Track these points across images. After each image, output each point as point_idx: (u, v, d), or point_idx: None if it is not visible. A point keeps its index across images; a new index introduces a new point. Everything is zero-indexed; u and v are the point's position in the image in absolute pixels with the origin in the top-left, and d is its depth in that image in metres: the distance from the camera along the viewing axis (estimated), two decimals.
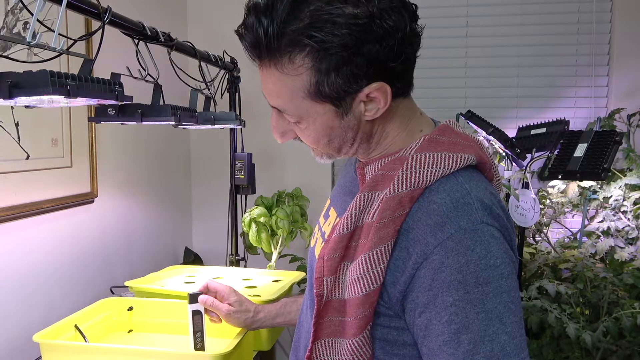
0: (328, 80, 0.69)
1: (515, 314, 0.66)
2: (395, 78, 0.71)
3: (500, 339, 0.64)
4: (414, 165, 0.71)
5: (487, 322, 0.64)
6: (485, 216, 0.68)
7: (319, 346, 0.75)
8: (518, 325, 0.66)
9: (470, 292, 0.64)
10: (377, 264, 0.68)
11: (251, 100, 2.29)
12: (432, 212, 0.68)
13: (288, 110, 0.74)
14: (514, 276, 0.68)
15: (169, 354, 1.09)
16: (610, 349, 1.55)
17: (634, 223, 1.79)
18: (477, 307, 0.64)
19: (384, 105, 0.72)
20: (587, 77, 2.22)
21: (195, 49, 1.52)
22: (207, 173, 2.49)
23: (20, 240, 1.41)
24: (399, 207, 0.69)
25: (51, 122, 1.51)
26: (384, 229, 0.69)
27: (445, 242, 0.65)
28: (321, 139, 0.76)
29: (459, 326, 0.64)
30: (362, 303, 0.69)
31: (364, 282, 0.69)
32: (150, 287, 1.50)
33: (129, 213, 1.96)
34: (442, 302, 0.65)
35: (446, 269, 0.65)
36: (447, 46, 2.31)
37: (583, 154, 1.70)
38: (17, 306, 1.40)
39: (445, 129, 0.78)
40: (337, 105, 0.72)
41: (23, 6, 1.21)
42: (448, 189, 0.69)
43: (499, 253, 0.66)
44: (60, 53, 0.90)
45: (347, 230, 0.73)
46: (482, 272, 0.64)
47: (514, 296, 0.66)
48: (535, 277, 1.89)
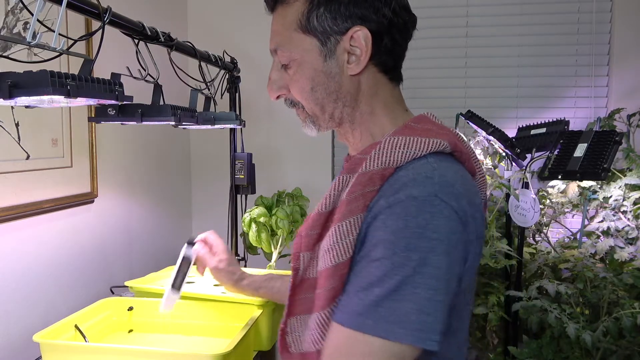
0: (318, 12, 0.77)
1: (435, 291, 0.66)
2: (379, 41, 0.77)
3: (406, 306, 0.65)
4: (386, 147, 0.74)
5: (400, 285, 0.65)
6: (442, 192, 0.68)
7: (293, 322, 0.79)
8: (433, 305, 0.66)
9: (396, 254, 0.66)
10: (346, 235, 0.71)
11: (251, 100, 2.29)
12: (394, 182, 0.71)
13: (282, 45, 0.80)
14: (449, 259, 0.67)
15: (169, 354, 1.09)
16: (610, 349, 1.55)
17: (634, 223, 1.79)
18: (396, 269, 0.66)
19: (365, 56, 0.77)
20: (587, 77, 2.22)
21: (195, 49, 1.52)
22: (207, 173, 2.49)
23: (20, 240, 1.41)
24: (369, 183, 0.72)
25: (51, 122, 1.51)
26: (354, 203, 0.72)
27: (393, 205, 0.68)
28: (306, 86, 0.80)
29: (375, 279, 0.67)
30: (332, 274, 0.71)
31: (334, 253, 0.71)
32: (150, 287, 1.49)
33: (129, 213, 1.96)
34: (373, 255, 0.68)
35: (386, 228, 0.67)
36: (447, 46, 2.31)
37: (583, 154, 1.70)
38: (17, 306, 1.40)
39: (422, 118, 0.81)
40: (322, 43, 0.78)
41: (23, 6, 1.21)
42: (416, 166, 0.72)
43: (440, 229, 0.67)
44: (60, 53, 0.90)
45: (326, 209, 0.76)
46: (414, 240, 0.66)
47: (439, 276, 0.66)
48: (535, 277, 1.89)
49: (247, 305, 1.35)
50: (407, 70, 0.85)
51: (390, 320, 0.65)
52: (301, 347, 0.77)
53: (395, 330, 0.65)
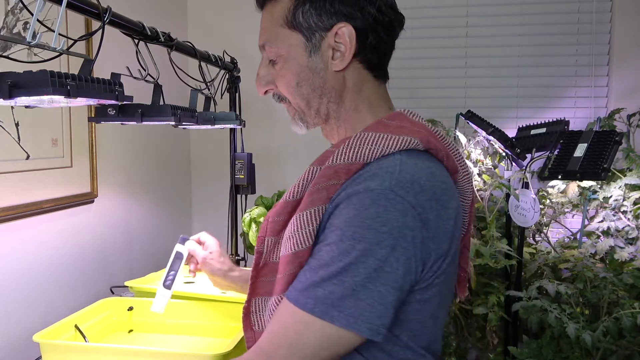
0: (303, 8, 0.78)
1: (377, 284, 0.67)
2: (363, 38, 0.79)
3: (344, 291, 0.67)
4: (355, 142, 0.75)
5: (342, 271, 0.67)
6: (399, 187, 0.68)
7: (256, 302, 0.82)
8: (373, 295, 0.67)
9: (343, 241, 0.68)
10: (307, 224, 0.73)
11: (251, 100, 2.29)
12: (357, 177, 0.72)
13: (269, 41, 0.82)
14: (397, 253, 0.67)
15: (169, 354, 1.09)
16: (610, 349, 1.55)
17: (634, 223, 1.79)
18: (341, 255, 0.68)
19: (349, 52, 0.78)
20: (587, 77, 2.22)
21: (195, 49, 1.52)
22: (207, 173, 2.49)
23: (20, 240, 1.41)
24: (334, 176, 0.73)
25: (51, 122, 1.51)
26: (317, 194, 0.73)
27: (351, 196, 0.70)
28: (292, 81, 0.82)
29: (322, 262, 0.69)
30: (291, 261, 0.73)
31: (294, 241, 0.73)
32: (150, 287, 1.49)
33: (129, 213, 1.96)
34: (326, 240, 0.71)
35: (340, 217, 0.70)
36: (447, 46, 2.31)
37: (583, 154, 1.70)
38: (17, 306, 1.40)
39: (397, 115, 0.82)
40: (307, 38, 0.79)
41: (23, 6, 1.21)
42: (381, 163, 0.73)
43: (390, 223, 0.67)
44: (60, 53, 0.90)
45: (293, 198, 0.78)
46: (361, 230, 0.67)
47: (383, 268, 0.67)
48: (535, 277, 1.89)
49: None
50: (407, 70, 0.85)
51: (327, 302, 0.67)
52: (262, 326, 0.81)
53: (330, 312, 0.67)
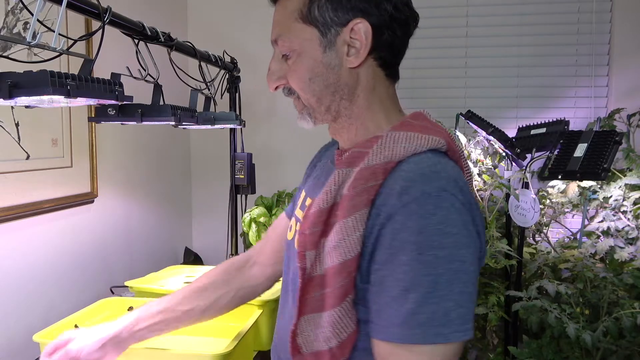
0: (319, 3, 0.77)
1: (466, 285, 0.67)
2: (379, 35, 0.77)
3: (446, 305, 0.66)
4: (388, 141, 0.75)
5: (435, 285, 0.66)
6: (450, 186, 0.70)
7: (303, 322, 0.77)
8: (467, 297, 0.67)
9: (423, 254, 0.66)
10: (353, 231, 0.70)
11: (251, 100, 2.29)
12: (399, 178, 0.70)
13: (282, 35, 0.80)
14: (471, 250, 0.69)
15: (169, 354, 1.09)
16: (610, 349, 1.55)
17: (634, 223, 1.79)
18: (427, 269, 0.66)
19: (364, 49, 0.77)
20: (587, 77, 2.22)
21: (195, 49, 1.52)
22: (207, 173, 2.49)
23: (20, 240, 1.41)
24: (372, 177, 0.72)
25: (51, 122, 1.51)
26: (358, 198, 0.71)
27: (409, 204, 0.68)
28: (304, 76, 0.80)
29: (408, 284, 0.66)
30: (340, 272, 0.71)
31: (341, 250, 0.71)
32: (150, 287, 1.49)
33: (129, 213, 1.96)
34: (397, 260, 0.67)
35: (406, 229, 0.67)
36: (447, 46, 2.31)
37: (583, 154, 1.70)
38: (17, 306, 1.40)
39: (419, 115, 0.81)
40: (322, 34, 0.78)
41: (23, 6, 1.21)
42: (417, 161, 0.72)
43: (457, 222, 0.68)
44: (60, 53, 0.90)
45: (326, 205, 0.75)
46: (438, 237, 0.66)
47: (466, 268, 0.68)
48: (535, 277, 1.89)
49: (247, 305, 1.35)
50: (407, 70, 0.85)
51: (434, 324, 0.65)
52: (312, 347, 0.76)
53: (442, 332, 0.65)
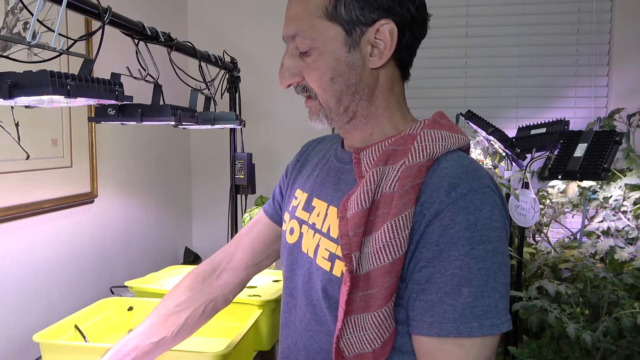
0: (346, 0, 0.75)
1: (505, 276, 0.70)
2: (401, 36, 0.76)
3: (495, 296, 0.68)
4: (427, 139, 0.76)
5: (486, 278, 0.68)
6: (491, 183, 0.73)
7: (347, 324, 0.74)
8: (507, 288, 0.71)
9: (475, 249, 0.68)
10: (402, 230, 0.70)
11: (251, 100, 2.29)
12: (445, 175, 0.72)
13: (302, 32, 0.77)
14: (507, 242, 0.73)
15: (169, 354, 1.09)
16: (610, 349, 1.55)
17: (634, 223, 1.79)
18: (479, 263, 0.68)
19: (388, 49, 0.76)
20: (587, 77, 2.22)
21: (195, 49, 1.52)
22: (207, 173, 2.49)
23: (20, 240, 1.41)
24: (418, 175, 0.72)
25: (51, 122, 1.51)
26: (407, 196, 0.71)
27: (458, 200, 0.69)
28: (325, 75, 0.77)
29: (462, 279, 0.67)
30: (389, 272, 0.70)
31: (389, 250, 0.70)
32: (150, 287, 1.50)
33: (129, 213, 1.96)
34: (447, 256, 0.68)
35: (455, 225, 0.68)
36: (447, 46, 2.31)
37: (583, 154, 1.70)
38: (17, 306, 1.40)
39: (443, 115, 0.83)
40: (347, 32, 0.76)
41: (23, 6, 1.21)
42: (456, 158, 0.75)
43: (499, 217, 0.71)
44: (60, 53, 0.90)
45: (367, 205, 0.74)
46: (487, 232, 0.68)
47: (506, 260, 0.71)
48: (535, 277, 1.89)
49: (247, 305, 1.35)
50: None
51: (489, 316, 0.67)
52: (355, 349, 0.74)
53: (495, 323, 0.68)
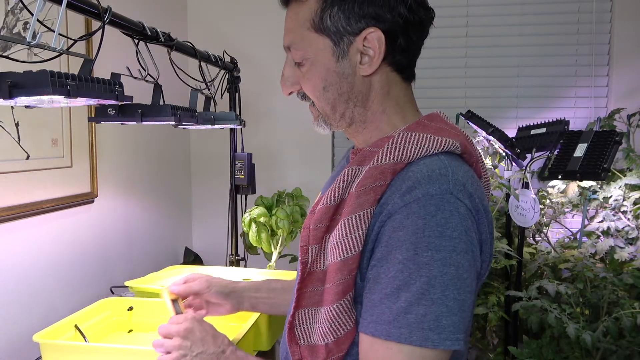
0: (331, 12, 0.75)
1: (459, 292, 0.66)
2: (393, 41, 0.76)
3: (437, 309, 0.65)
4: (399, 141, 0.74)
5: (427, 287, 0.65)
6: (456, 190, 0.69)
7: (301, 314, 0.77)
8: (461, 305, 0.66)
9: (419, 255, 0.65)
10: (356, 229, 0.70)
11: (251, 100, 2.29)
12: (407, 179, 0.70)
13: (295, 43, 0.80)
14: (469, 257, 0.68)
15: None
16: (610, 349, 1.55)
17: (634, 223, 1.79)
18: (422, 270, 0.65)
19: (377, 57, 0.76)
20: (587, 77, 2.22)
21: (195, 49, 1.52)
22: (207, 173, 2.49)
23: (20, 240, 1.41)
24: (380, 177, 0.71)
25: (51, 122, 1.51)
26: (364, 196, 0.71)
27: (410, 204, 0.67)
28: (318, 85, 0.79)
29: (401, 283, 0.66)
30: (340, 269, 0.71)
31: (342, 247, 0.71)
32: (150, 287, 1.49)
33: (129, 213, 1.96)
34: (392, 258, 0.67)
35: (404, 228, 0.67)
36: (447, 46, 2.31)
37: (583, 154, 1.70)
38: (17, 306, 1.40)
39: (435, 116, 0.81)
40: (335, 43, 0.77)
41: (23, 6, 1.21)
42: (428, 162, 0.72)
43: (458, 227, 0.67)
44: (60, 53, 0.90)
45: (333, 202, 0.75)
46: (436, 239, 0.65)
47: (461, 275, 0.66)
48: (535, 277, 1.89)
49: None
50: None
51: (423, 326, 0.64)
52: (310, 340, 0.76)
53: (430, 337, 0.64)
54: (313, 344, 0.75)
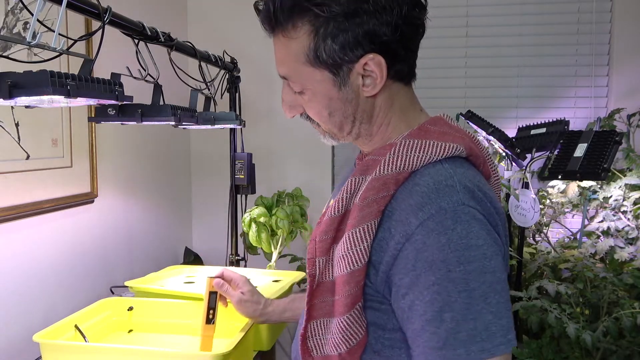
0: (325, 45, 0.72)
1: (501, 294, 0.66)
2: (392, 56, 0.74)
3: (485, 318, 0.64)
4: (401, 150, 0.73)
5: (469, 300, 0.64)
6: (467, 199, 0.68)
7: (313, 326, 0.77)
8: (504, 307, 0.66)
9: (452, 271, 0.65)
10: (360, 241, 0.70)
11: (251, 100, 2.29)
12: (414, 193, 0.69)
13: (292, 77, 0.78)
14: (499, 258, 0.68)
15: (169, 354, 1.09)
16: (610, 349, 1.55)
17: (634, 223, 1.79)
18: (459, 286, 0.64)
19: (380, 80, 0.74)
20: (587, 77, 2.22)
21: (195, 49, 1.52)
22: (207, 173, 2.49)
23: (20, 240, 1.41)
24: (383, 188, 0.71)
25: (51, 122, 1.51)
26: (367, 208, 0.70)
27: (426, 222, 0.66)
28: (322, 111, 0.78)
29: (442, 304, 0.65)
30: (348, 281, 0.70)
31: (348, 260, 0.70)
32: (150, 287, 1.50)
33: (129, 213, 1.96)
34: (424, 281, 0.66)
35: (428, 248, 0.66)
36: (447, 46, 2.31)
37: (583, 154, 1.70)
38: (17, 306, 1.40)
39: (438, 120, 0.79)
40: (334, 74, 0.75)
41: (23, 6, 1.21)
42: (432, 173, 0.71)
43: (480, 234, 0.67)
44: (60, 53, 0.90)
45: (338, 213, 0.75)
46: (464, 252, 0.65)
47: (499, 277, 0.67)
48: (535, 277, 1.89)
49: None
50: None
51: (477, 340, 0.64)
52: (323, 351, 0.76)
53: (486, 347, 0.64)
54: (326, 355, 0.75)
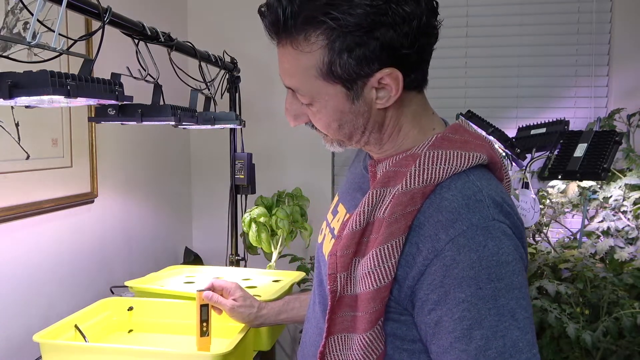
0: (340, 60, 0.69)
1: (526, 310, 0.66)
2: (408, 67, 0.72)
3: (513, 335, 0.64)
4: (427, 162, 0.71)
5: (499, 317, 0.64)
6: (497, 213, 0.68)
7: (332, 342, 0.75)
8: (529, 321, 0.66)
9: (482, 288, 0.64)
10: (388, 258, 0.69)
11: (251, 100, 2.29)
12: (443, 208, 0.68)
13: (301, 90, 0.75)
14: (525, 273, 0.68)
15: (169, 354, 1.09)
16: (610, 349, 1.55)
17: (634, 223, 1.79)
18: (489, 303, 0.64)
19: (396, 93, 0.72)
20: (587, 77, 2.22)
21: (195, 49, 1.52)
22: (207, 173, 2.49)
23: (20, 240, 1.41)
24: (410, 203, 0.69)
25: (51, 122, 1.51)
26: (396, 224, 0.69)
27: (457, 238, 0.66)
28: (332, 124, 0.76)
29: (472, 322, 0.64)
30: (373, 298, 0.70)
31: (375, 277, 0.69)
32: (150, 287, 1.49)
33: (129, 213, 1.96)
34: (453, 298, 0.65)
35: (458, 265, 0.65)
36: (447, 46, 2.31)
37: (583, 154, 1.70)
38: (17, 306, 1.40)
39: (458, 127, 0.78)
40: (348, 88, 0.72)
41: (23, 6, 1.21)
42: (460, 186, 0.70)
43: (510, 250, 0.67)
44: (60, 53, 0.90)
45: (359, 227, 0.73)
46: (495, 269, 0.65)
47: (524, 292, 0.67)
48: (535, 277, 1.89)
49: None
50: None
51: (506, 356, 0.64)
52: None
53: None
54: None
